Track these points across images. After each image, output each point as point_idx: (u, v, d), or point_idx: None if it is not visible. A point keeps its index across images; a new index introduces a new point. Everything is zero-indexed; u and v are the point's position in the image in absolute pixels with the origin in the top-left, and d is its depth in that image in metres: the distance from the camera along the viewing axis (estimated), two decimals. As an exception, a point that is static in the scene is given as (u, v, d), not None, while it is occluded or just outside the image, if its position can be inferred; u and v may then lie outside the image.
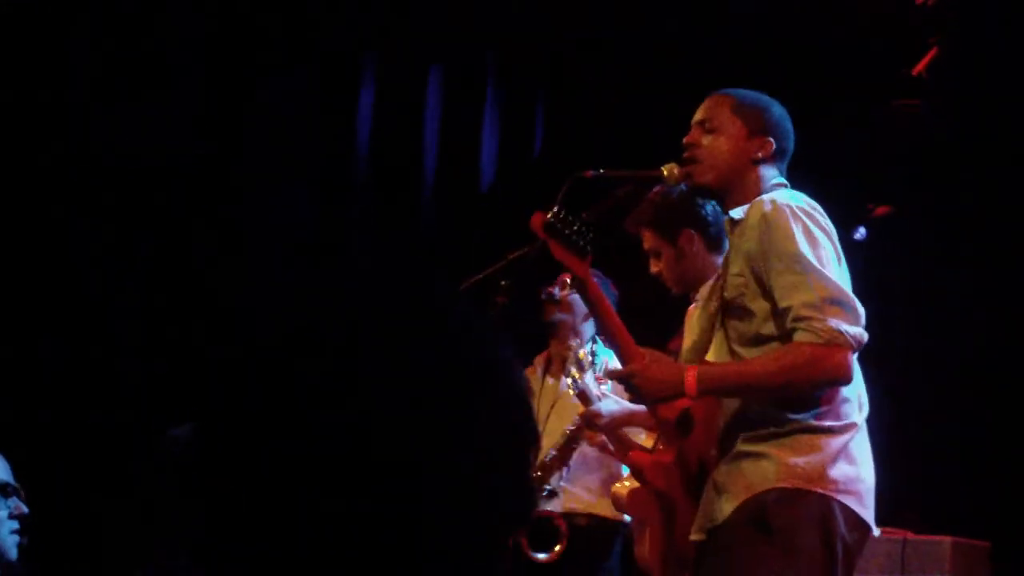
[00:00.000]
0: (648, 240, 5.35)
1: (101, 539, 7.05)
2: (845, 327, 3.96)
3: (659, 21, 7.76)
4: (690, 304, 5.34)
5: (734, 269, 4.18)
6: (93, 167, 7.68)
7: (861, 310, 4.03)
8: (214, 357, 1.43)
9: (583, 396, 5.63)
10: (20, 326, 7.50)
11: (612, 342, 4.54)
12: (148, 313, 7.57)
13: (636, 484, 5.24)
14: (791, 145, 4.38)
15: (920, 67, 6.68)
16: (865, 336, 4.01)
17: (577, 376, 5.58)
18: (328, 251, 1.50)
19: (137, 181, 7.68)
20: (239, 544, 1.37)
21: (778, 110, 4.39)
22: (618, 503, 5.69)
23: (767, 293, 4.09)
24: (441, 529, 1.38)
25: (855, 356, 4.02)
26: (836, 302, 3.99)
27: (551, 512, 6.43)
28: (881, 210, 6.80)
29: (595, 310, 4.58)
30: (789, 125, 4.39)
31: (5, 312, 7.49)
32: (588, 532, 6.43)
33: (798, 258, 4.02)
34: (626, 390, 4.35)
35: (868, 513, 4.14)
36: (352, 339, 1.40)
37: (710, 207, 5.21)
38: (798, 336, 3.99)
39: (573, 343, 5.75)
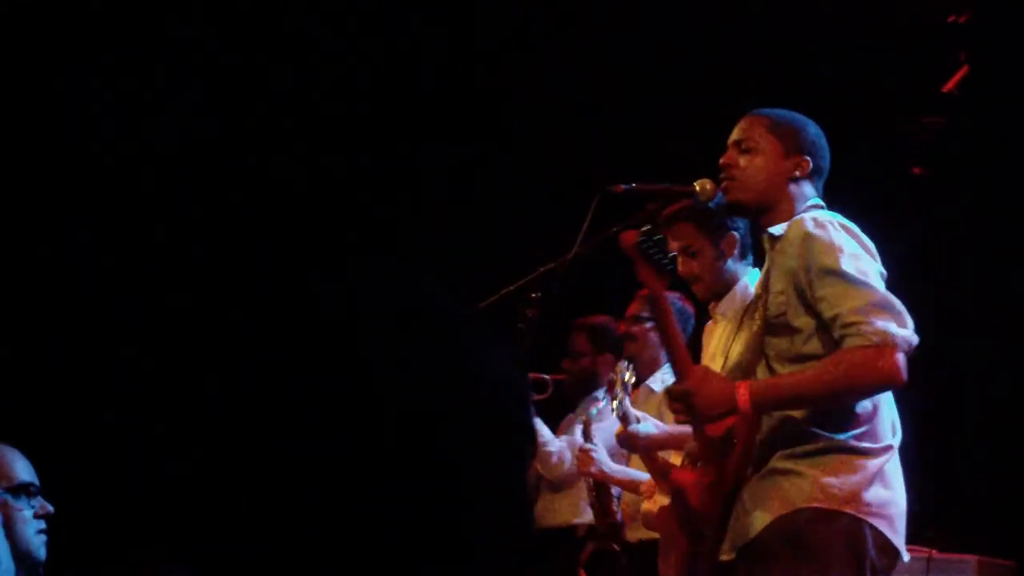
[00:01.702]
0: (687, 237, 5.29)
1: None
2: (894, 328, 3.95)
3: (687, 36, 7.78)
4: (708, 320, 5.37)
5: (776, 287, 4.17)
6: (94, 164, 7.74)
7: (908, 316, 4.02)
8: (215, 356, 1.46)
9: (624, 419, 5.64)
10: (20, 326, 7.58)
11: (671, 359, 4.58)
12: (149, 311, 7.61)
13: (663, 501, 5.25)
14: (827, 164, 4.39)
15: (950, 84, 6.66)
16: (915, 339, 3.99)
17: (622, 397, 5.58)
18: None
19: (138, 175, 7.76)
20: (237, 544, 1.40)
21: (814, 129, 4.40)
22: (647, 520, 5.69)
23: (810, 309, 4.09)
24: (439, 532, 1.41)
25: (905, 360, 3.98)
26: (883, 306, 3.99)
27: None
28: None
29: (662, 327, 4.62)
30: (825, 143, 4.40)
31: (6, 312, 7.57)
32: None
33: (841, 270, 4.02)
34: (680, 409, 4.32)
35: (898, 538, 4.14)
36: (350, 340, 1.43)
37: (741, 220, 5.22)
38: (848, 342, 3.98)
39: (620, 364, 5.75)
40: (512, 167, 8.29)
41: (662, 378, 6.22)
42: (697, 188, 4.48)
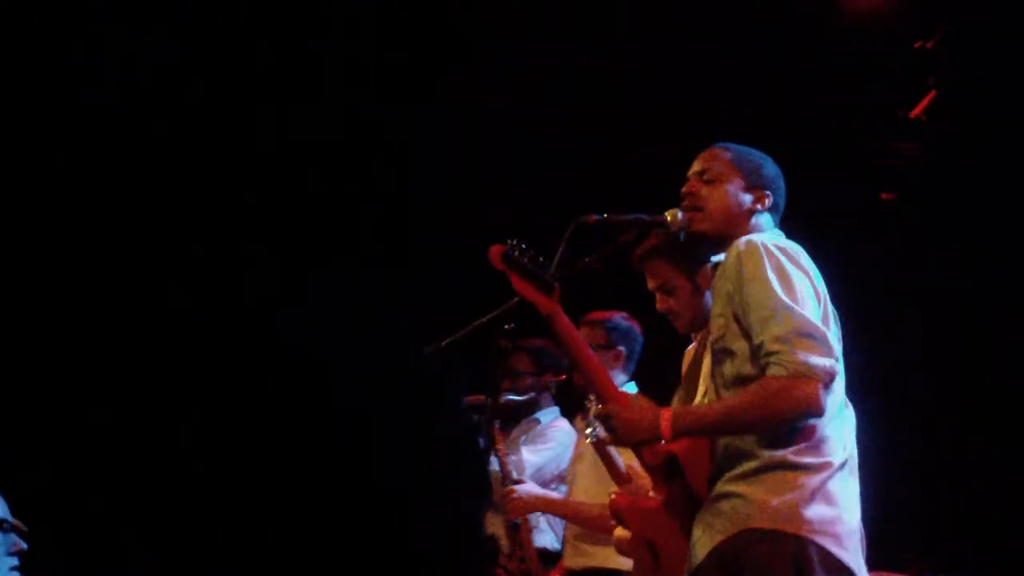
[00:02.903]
0: (661, 275, 5.29)
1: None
2: (814, 359, 3.95)
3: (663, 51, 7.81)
4: (688, 344, 5.37)
5: (715, 310, 4.20)
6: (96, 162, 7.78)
7: (833, 344, 4.03)
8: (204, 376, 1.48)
9: (599, 446, 5.61)
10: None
11: (587, 380, 4.55)
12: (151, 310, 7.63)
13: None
14: (784, 202, 4.43)
15: (918, 110, 6.69)
16: (836, 369, 4.01)
17: (597, 426, 5.56)
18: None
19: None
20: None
21: (772, 167, 4.44)
22: (619, 546, 5.68)
23: (746, 332, 4.10)
24: (397, 555, 1.43)
25: (827, 390, 3.99)
26: (805, 335, 3.98)
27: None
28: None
29: (567, 348, 4.57)
30: (782, 182, 4.44)
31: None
32: None
33: (768, 294, 4.03)
34: (605, 431, 4.29)
35: (849, 556, 4.06)
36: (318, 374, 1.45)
37: None
38: (769, 371, 3.98)
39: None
40: (486, 197, 8.32)
41: None
42: (669, 218, 4.48)
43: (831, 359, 4.00)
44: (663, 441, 4.15)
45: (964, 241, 7.07)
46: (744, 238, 4.20)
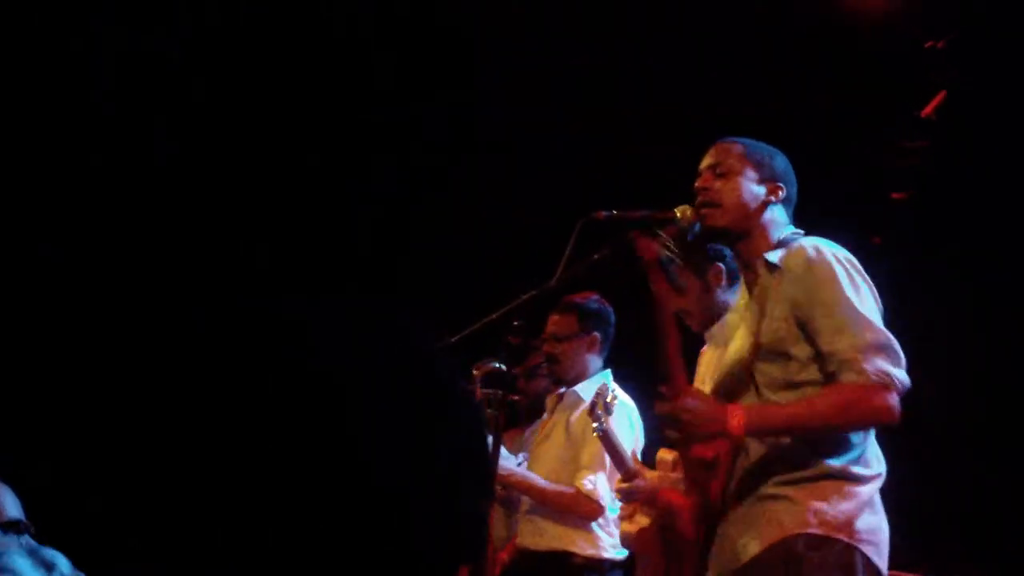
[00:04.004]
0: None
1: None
2: (891, 369, 4.01)
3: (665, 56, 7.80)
4: (702, 345, 5.38)
5: (776, 314, 4.18)
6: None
7: (903, 356, 4.08)
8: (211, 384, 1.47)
9: (606, 438, 5.60)
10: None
11: (666, 376, 4.56)
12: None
13: (642, 522, 5.25)
14: (795, 193, 4.45)
15: (929, 109, 6.69)
16: (908, 381, 4.05)
17: (604, 419, 5.54)
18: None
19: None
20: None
21: (782, 159, 4.46)
22: (626, 540, 5.66)
23: (808, 338, 4.13)
24: (396, 556, 1.42)
25: (900, 400, 4.04)
26: (882, 346, 4.04)
27: None
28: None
29: (662, 344, 4.59)
30: (793, 174, 4.46)
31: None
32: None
33: (844, 303, 4.07)
34: (669, 426, 4.27)
35: (883, 564, 4.18)
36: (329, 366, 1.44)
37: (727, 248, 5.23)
38: (844, 377, 4.03)
39: (601, 386, 5.73)
40: (494, 193, 8.31)
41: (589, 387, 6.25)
42: (678, 214, 4.49)
43: (904, 370, 4.06)
44: (731, 437, 4.16)
45: (973, 239, 7.06)
46: (810, 244, 4.23)
